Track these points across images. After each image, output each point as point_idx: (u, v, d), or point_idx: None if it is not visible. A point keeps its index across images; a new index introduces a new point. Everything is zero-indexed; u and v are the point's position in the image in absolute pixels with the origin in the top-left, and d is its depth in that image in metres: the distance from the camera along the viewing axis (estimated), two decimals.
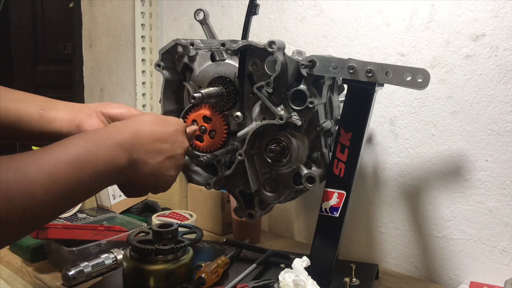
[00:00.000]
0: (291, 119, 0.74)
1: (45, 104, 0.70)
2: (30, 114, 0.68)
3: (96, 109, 0.73)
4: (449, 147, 0.88)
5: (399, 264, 0.98)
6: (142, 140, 0.61)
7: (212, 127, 0.81)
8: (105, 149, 0.55)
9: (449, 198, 0.89)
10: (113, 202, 1.19)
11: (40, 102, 0.70)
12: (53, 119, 0.69)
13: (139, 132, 0.61)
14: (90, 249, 0.90)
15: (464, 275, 0.89)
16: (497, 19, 0.81)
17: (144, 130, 0.62)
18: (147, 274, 0.78)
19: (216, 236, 1.13)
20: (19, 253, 0.98)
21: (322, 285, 0.70)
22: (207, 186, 0.81)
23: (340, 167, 0.75)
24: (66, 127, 0.70)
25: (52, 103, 0.71)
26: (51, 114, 0.69)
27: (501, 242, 0.84)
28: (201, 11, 0.79)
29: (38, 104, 0.70)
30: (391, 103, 0.95)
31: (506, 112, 0.82)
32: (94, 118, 0.71)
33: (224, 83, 0.79)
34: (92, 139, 0.55)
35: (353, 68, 0.71)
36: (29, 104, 0.69)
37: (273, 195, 0.80)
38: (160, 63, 0.81)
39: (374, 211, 1.00)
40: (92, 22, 1.73)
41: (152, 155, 0.62)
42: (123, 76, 1.62)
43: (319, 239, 0.78)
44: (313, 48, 1.06)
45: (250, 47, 0.75)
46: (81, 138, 0.55)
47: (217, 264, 0.82)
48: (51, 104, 0.71)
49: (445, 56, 0.87)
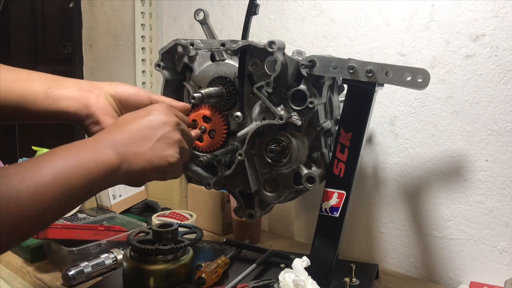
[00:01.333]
0: (291, 119, 0.74)
1: (52, 82, 0.68)
2: (36, 93, 0.66)
3: (105, 89, 0.70)
4: (449, 147, 0.88)
5: (399, 264, 0.98)
6: (125, 134, 0.60)
7: (212, 127, 0.81)
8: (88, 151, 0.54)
9: (449, 198, 0.89)
10: (113, 202, 1.19)
11: (46, 81, 0.68)
12: (60, 98, 0.67)
13: (121, 128, 0.60)
14: (90, 249, 0.90)
15: (464, 275, 0.89)
16: (497, 19, 0.81)
17: (125, 125, 0.61)
18: (147, 274, 0.78)
19: (216, 236, 1.13)
20: (19, 253, 0.98)
21: (322, 285, 0.70)
22: (207, 186, 0.81)
23: (340, 167, 0.75)
24: (73, 107, 0.67)
25: (59, 81, 0.69)
26: (58, 92, 0.67)
27: (501, 242, 0.84)
28: (201, 11, 0.79)
29: (45, 82, 0.67)
30: (391, 103, 0.95)
31: (506, 112, 0.82)
32: (102, 99, 0.69)
33: (224, 83, 0.79)
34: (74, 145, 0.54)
35: (353, 68, 0.71)
36: (35, 83, 0.67)
37: (273, 195, 0.80)
38: (160, 63, 0.81)
39: (374, 211, 1.00)
40: (92, 22, 1.73)
41: (139, 144, 0.60)
42: (123, 76, 1.62)
43: (319, 239, 0.78)
44: (313, 48, 1.06)
45: (250, 47, 0.75)
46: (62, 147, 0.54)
47: (217, 264, 0.82)
48: (58, 82, 0.68)
49: (445, 56, 0.87)
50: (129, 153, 0.59)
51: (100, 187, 0.56)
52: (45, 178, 0.48)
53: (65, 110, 0.67)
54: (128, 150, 0.59)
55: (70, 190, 0.50)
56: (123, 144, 0.58)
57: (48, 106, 0.66)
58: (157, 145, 0.62)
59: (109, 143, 0.57)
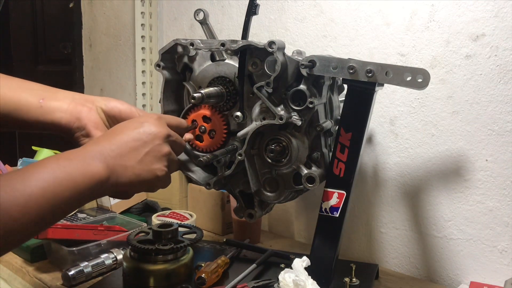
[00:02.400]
0: (291, 119, 0.74)
1: (45, 93, 0.68)
2: (29, 103, 0.66)
3: (97, 104, 0.71)
4: (449, 147, 0.88)
5: (399, 264, 0.98)
6: (114, 146, 0.59)
7: (212, 127, 0.81)
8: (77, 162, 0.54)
9: (449, 198, 0.89)
10: (113, 202, 1.19)
11: (40, 91, 0.68)
12: (53, 109, 0.68)
13: (110, 139, 0.60)
14: (90, 249, 0.90)
15: (464, 275, 0.89)
16: (497, 19, 0.81)
17: (115, 136, 0.61)
18: (147, 274, 0.79)
19: (216, 236, 1.13)
20: (19, 253, 0.98)
21: (322, 285, 0.70)
22: (207, 186, 0.81)
23: (340, 167, 0.75)
24: (65, 118, 0.68)
25: (52, 93, 0.70)
26: (51, 104, 0.68)
27: (501, 242, 0.84)
28: (201, 11, 0.79)
29: (38, 93, 0.68)
30: (391, 103, 0.95)
31: (506, 112, 0.82)
32: (94, 113, 0.70)
33: (224, 83, 0.79)
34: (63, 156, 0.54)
35: (353, 68, 0.71)
36: (29, 92, 0.67)
37: (273, 195, 0.80)
38: (160, 63, 0.81)
39: (374, 211, 1.00)
40: (92, 22, 1.73)
41: (128, 157, 0.60)
42: (123, 76, 1.62)
43: (319, 239, 0.78)
44: (313, 48, 1.06)
45: (250, 47, 0.75)
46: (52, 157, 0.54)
47: (217, 264, 0.82)
48: (51, 93, 0.69)
49: (445, 56, 0.87)
50: (118, 166, 0.59)
51: (88, 198, 0.56)
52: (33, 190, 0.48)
53: (57, 122, 0.68)
54: (117, 162, 0.59)
55: (58, 202, 0.51)
56: (112, 156, 0.58)
57: (40, 116, 0.67)
58: (145, 159, 0.62)
59: (98, 154, 0.57)
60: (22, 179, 0.49)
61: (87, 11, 1.74)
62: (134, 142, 0.61)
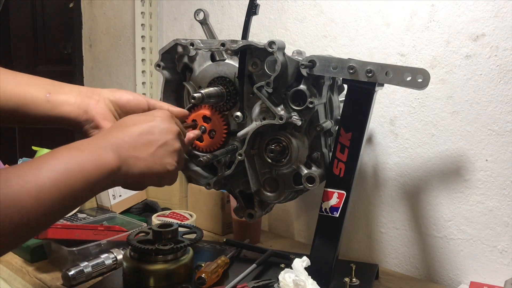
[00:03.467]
0: (291, 119, 0.74)
1: (52, 87, 0.69)
2: (36, 98, 0.66)
3: (104, 95, 0.71)
4: (449, 147, 0.88)
5: (399, 264, 0.98)
6: (127, 138, 0.60)
7: (212, 127, 0.81)
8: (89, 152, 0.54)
9: (449, 198, 0.89)
10: (113, 202, 1.19)
11: (46, 86, 0.68)
12: (60, 103, 0.67)
13: (122, 130, 0.61)
14: (90, 249, 0.90)
15: (464, 275, 0.89)
16: (497, 19, 0.81)
17: (127, 128, 0.61)
18: (147, 274, 0.79)
19: (216, 236, 1.13)
20: (19, 253, 0.98)
21: (322, 285, 0.70)
22: (207, 186, 0.81)
23: (340, 167, 0.75)
24: (73, 112, 0.68)
25: (59, 87, 0.70)
26: (58, 98, 0.68)
27: (501, 242, 0.84)
28: (201, 11, 0.79)
29: (45, 87, 0.68)
30: (391, 103, 0.95)
31: (506, 112, 0.82)
32: (102, 105, 0.70)
33: (224, 83, 0.79)
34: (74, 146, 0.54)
35: (353, 68, 0.71)
36: (35, 87, 0.67)
37: (273, 195, 0.80)
38: (160, 63, 0.81)
39: (374, 211, 1.00)
40: (92, 22, 1.73)
41: (141, 150, 0.60)
42: (123, 76, 1.62)
43: (319, 239, 0.78)
44: (313, 48, 1.06)
45: (250, 47, 0.75)
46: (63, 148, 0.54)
47: (217, 264, 0.82)
48: (58, 87, 0.69)
49: (445, 56, 0.87)
50: (130, 157, 0.59)
51: (100, 188, 0.56)
52: (45, 182, 0.48)
53: (65, 115, 0.68)
54: (130, 154, 0.59)
55: (70, 193, 0.50)
56: (124, 147, 0.59)
57: (48, 111, 0.67)
58: (158, 152, 0.62)
59: (110, 144, 0.57)
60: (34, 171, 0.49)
61: (87, 11, 1.74)
62: (147, 135, 0.62)
